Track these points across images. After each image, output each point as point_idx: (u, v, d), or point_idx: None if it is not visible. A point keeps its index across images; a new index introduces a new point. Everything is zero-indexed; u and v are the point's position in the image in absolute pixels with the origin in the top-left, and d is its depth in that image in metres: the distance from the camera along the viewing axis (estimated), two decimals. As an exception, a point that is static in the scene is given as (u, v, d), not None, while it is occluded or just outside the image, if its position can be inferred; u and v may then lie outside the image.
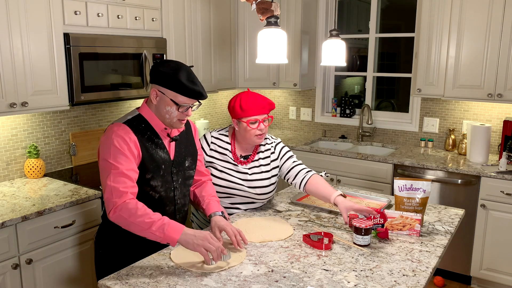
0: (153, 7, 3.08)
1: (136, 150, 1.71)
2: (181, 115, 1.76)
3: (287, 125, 4.68)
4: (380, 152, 4.00)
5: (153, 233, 1.60)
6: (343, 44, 2.44)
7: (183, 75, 1.70)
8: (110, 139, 1.68)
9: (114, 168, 1.65)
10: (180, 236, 1.60)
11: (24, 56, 2.39)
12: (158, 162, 1.79)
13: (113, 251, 1.85)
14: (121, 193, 1.64)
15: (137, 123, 1.76)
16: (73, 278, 2.48)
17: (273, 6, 2.06)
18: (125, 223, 1.64)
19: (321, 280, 1.56)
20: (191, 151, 1.96)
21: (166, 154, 1.82)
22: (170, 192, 1.86)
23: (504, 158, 3.12)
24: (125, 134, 1.70)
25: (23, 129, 2.80)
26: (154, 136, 1.79)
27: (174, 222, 1.64)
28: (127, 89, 2.91)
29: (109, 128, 1.73)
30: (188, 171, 1.94)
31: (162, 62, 1.76)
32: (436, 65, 3.48)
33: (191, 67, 1.81)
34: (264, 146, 2.26)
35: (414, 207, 2.03)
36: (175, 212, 1.91)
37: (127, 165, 1.67)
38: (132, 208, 1.62)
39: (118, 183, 1.64)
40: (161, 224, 1.61)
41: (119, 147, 1.67)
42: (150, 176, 1.77)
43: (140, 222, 1.61)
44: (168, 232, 1.59)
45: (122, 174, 1.65)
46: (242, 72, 4.07)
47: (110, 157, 1.66)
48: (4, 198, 2.42)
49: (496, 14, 3.16)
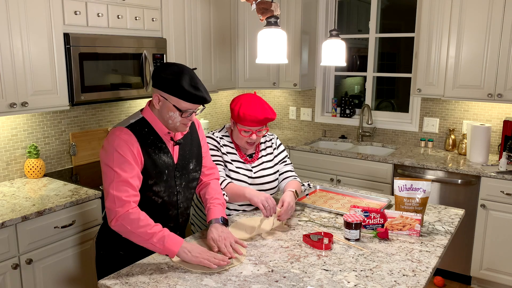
0: (153, 7, 3.08)
1: (139, 157, 1.69)
2: (185, 120, 1.73)
3: (287, 125, 4.68)
4: (380, 152, 4.00)
5: (153, 245, 1.62)
6: (343, 44, 2.44)
7: (185, 81, 1.66)
8: (113, 144, 1.66)
9: (117, 176, 1.64)
10: (179, 249, 1.63)
11: (24, 56, 2.39)
12: (161, 168, 1.77)
13: (114, 252, 1.85)
14: (124, 202, 1.63)
15: (140, 127, 1.74)
16: (73, 278, 2.48)
17: (273, 6, 2.05)
18: (126, 232, 1.64)
19: (321, 280, 1.56)
20: (196, 152, 1.93)
21: (169, 158, 1.80)
22: (173, 196, 1.85)
23: (504, 158, 3.12)
24: (128, 140, 1.67)
25: (23, 129, 2.80)
26: (158, 140, 1.77)
27: (174, 235, 1.66)
28: (127, 89, 2.91)
29: (112, 133, 1.70)
30: (192, 174, 1.91)
31: (164, 66, 1.71)
32: (436, 65, 3.48)
33: (194, 70, 1.77)
34: (264, 144, 2.32)
35: (414, 207, 2.03)
36: (178, 216, 1.90)
37: (130, 173, 1.65)
38: (134, 219, 1.62)
39: (120, 192, 1.63)
40: (162, 236, 1.62)
41: (122, 153, 1.65)
42: (153, 182, 1.76)
43: (142, 232, 1.62)
44: (168, 244, 1.62)
45: (125, 183, 1.64)
46: (242, 72, 4.07)
47: (113, 164, 1.64)
48: (4, 198, 2.42)
49: (496, 14, 3.16)
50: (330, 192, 2.53)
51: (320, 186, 2.60)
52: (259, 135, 2.16)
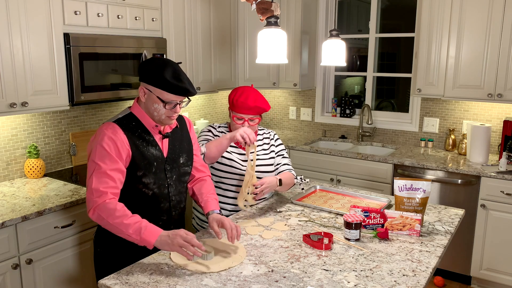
0: (153, 7, 3.08)
1: (125, 149, 1.72)
2: (169, 112, 1.76)
3: (287, 125, 4.68)
4: (380, 152, 4.00)
5: (130, 236, 1.62)
6: (343, 44, 2.44)
7: (168, 72, 1.71)
8: (98, 139, 1.71)
9: (98, 168, 1.67)
10: (156, 240, 1.61)
11: (24, 56, 2.39)
12: (149, 159, 1.79)
13: (111, 249, 1.86)
14: (101, 193, 1.65)
15: (127, 121, 1.78)
16: (73, 278, 2.48)
17: (273, 6, 2.06)
18: (103, 223, 1.66)
19: (321, 280, 1.56)
20: (186, 148, 1.96)
21: (158, 151, 1.83)
22: (164, 189, 1.86)
23: (504, 158, 3.12)
24: (113, 133, 1.71)
25: (23, 129, 2.80)
26: (145, 133, 1.80)
27: (152, 225, 1.64)
28: (127, 89, 2.91)
29: (99, 129, 1.75)
30: (183, 168, 1.94)
31: (149, 60, 1.77)
32: (436, 65, 3.48)
33: (179, 64, 1.82)
34: (261, 136, 2.42)
35: (414, 207, 2.03)
36: (170, 209, 1.91)
37: (111, 165, 1.68)
38: (110, 209, 1.63)
39: (99, 183, 1.66)
40: (138, 227, 1.61)
41: (105, 147, 1.68)
42: (142, 174, 1.78)
43: (117, 223, 1.62)
44: (145, 235, 1.60)
45: (105, 174, 1.66)
46: (242, 72, 4.07)
47: (95, 157, 1.69)
48: (4, 198, 2.42)
49: (496, 14, 3.16)
50: (330, 192, 2.53)
51: (320, 186, 2.60)
52: (252, 124, 2.25)
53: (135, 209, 1.72)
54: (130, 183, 1.76)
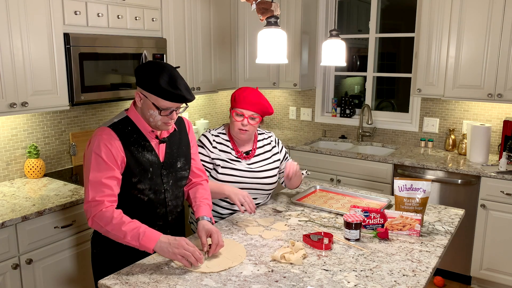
0: (153, 7, 3.08)
1: (120, 156, 1.70)
2: (165, 119, 1.72)
3: (287, 125, 4.68)
4: (380, 152, 4.00)
5: (128, 242, 1.62)
6: (343, 44, 2.44)
7: (163, 79, 1.65)
8: (92, 146, 1.68)
9: (93, 176, 1.66)
10: (155, 245, 1.61)
11: (24, 56, 2.39)
12: (145, 165, 1.76)
13: (108, 251, 1.85)
14: (98, 202, 1.65)
15: (122, 126, 1.75)
16: (73, 278, 2.48)
17: (273, 6, 2.05)
18: (102, 231, 1.66)
19: (321, 280, 1.56)
20: (184, 151, 1.93)
21: (154, 156, 1.80)
22: (160, 194, 1.84)
23: (504, 158, 3.12)
24: (108, 140, 1.68)
25: (23, 129, 2.80)
26: (141, 138, 1.77)
27: (151, 230, 1.63)
28: (127, 89, 2.91)
29: (94, 133, 1.72)
30: (181, 172, 1.91)
31: (145, 64, 1.72)
32: (436, 65, 3.48)
33: (177, 68, 1.76)
34: (261, 142, 2.36)
35: (414, 207, 2.03)
36: (166, 214, 1.89)
37: (106, 173, 1.67)
38: (107, 217, 1.63)
39: (96, 193, 1.65)
40: (136, 233, 1.61)
41: (100, 154, 1.66)
42: (137, 180, 1.76)
43: (115, 231, 1.62)
44: (143, 242, 1.60)
45: (100, 184, 1.66)
46: (242, 72, 4.07)
47: (90, 164, 1.67)
48: (4, 198, 2.42)
49: (496, 14, 3.16)
50: (330, 192, 2.53)
51: (320, 186, 2.60)
52: (251, 123, 2.16)
53: (131, 215, 1.71)
54: (126, 189, 1.75)
